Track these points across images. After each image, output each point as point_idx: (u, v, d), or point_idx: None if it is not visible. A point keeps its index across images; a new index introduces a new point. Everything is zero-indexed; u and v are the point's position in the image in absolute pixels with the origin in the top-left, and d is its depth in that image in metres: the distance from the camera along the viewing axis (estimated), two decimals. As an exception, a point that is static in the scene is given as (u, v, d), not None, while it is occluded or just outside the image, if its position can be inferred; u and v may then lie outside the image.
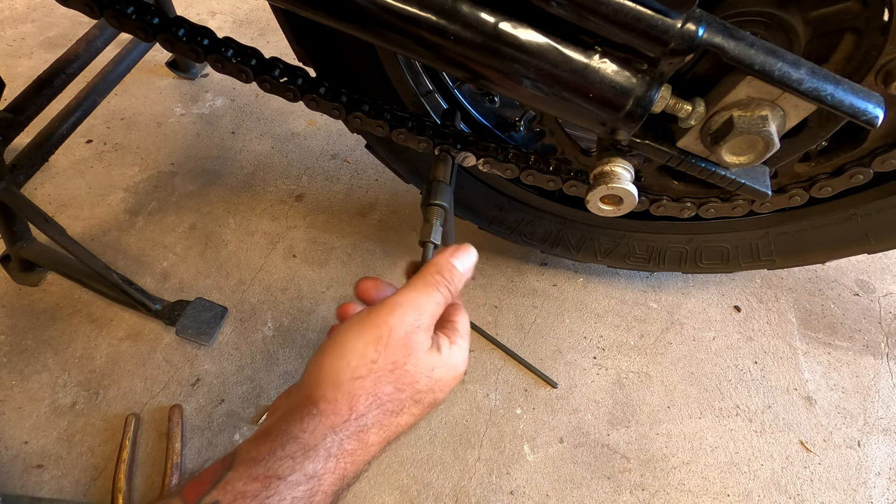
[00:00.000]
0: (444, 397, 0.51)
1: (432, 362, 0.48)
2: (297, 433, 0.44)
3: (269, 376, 1.02)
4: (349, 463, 0.45)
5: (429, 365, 0.48)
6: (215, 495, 0.41)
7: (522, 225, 1.05)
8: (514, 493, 0.92)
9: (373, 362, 0.46)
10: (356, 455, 0.45)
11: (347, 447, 0.45)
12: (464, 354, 0.52)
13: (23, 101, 0.98)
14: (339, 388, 0.45)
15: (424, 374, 0.48)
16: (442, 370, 0.49)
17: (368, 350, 0.46)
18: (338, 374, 0.46)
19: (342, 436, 0.44)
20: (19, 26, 1.61)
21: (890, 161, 0.71)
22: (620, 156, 0.65)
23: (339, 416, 0.45)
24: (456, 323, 0.53)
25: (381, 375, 0.46)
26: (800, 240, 0.94)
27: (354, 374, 0.46)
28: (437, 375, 0.49)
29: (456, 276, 0.53)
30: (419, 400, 0.48)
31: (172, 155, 1.35)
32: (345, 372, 0.46)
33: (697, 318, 1.13)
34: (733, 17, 0.62)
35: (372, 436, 0.46)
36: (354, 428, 0.45)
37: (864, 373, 1.06)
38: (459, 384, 1.02)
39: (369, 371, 0.46)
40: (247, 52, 0.76)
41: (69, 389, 0.99)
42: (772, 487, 0.94)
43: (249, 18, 1.72)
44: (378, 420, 0.46)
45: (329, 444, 0.44)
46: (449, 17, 0.54)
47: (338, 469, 0.44)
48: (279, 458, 0.43)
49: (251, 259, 1.17)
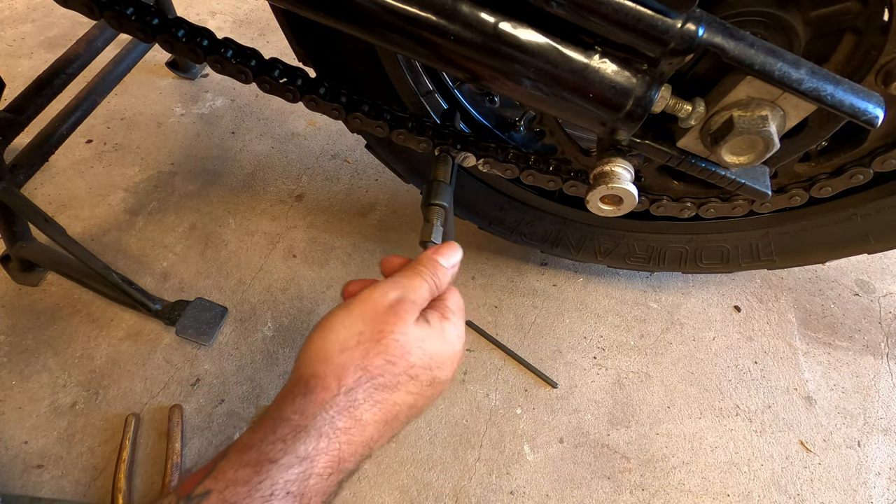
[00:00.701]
0: (447, 377, 0.50)
1: (421, 333, 0.48)
2: (289, 415, 0.43)
3: (269, 376, 1.02)
4: (343, 443, 0.44)
5: (418, 336, 0.47)
6: (207, 484, 0.41)
7: (522, 225, 1.05)
8: (514, 493, 0.92)
9: (360, 333, 0.46)
10: (350, 434, 0.44)
11: (339, 424, 0.44)
12: (458, 330, 0.51)
13: (23, 101, 0.98)
14: (328, 363, 0.45)
15: (415, 344, 0.47)
16: (435, 344, 0.48)
17: (356, 323, 0.46)
18: (326, 350, 0.46)
19: (332, 412, 0.44)
20: (19, 26, 1.61)
21: (890, 161, 0.71)
22: (620, 156, 0.65)
23: (329, 391, 0.44)
24: (447, 301, 0.53)
25: (369, 347, 0.45)
26: (800, 240, 0.94)
27: (343, 346, 0.45)
28: (431, 349, 0.48)
29: (440, 270, 0.53)
30: (415, 376, 0.47)
31: (172, 155, 1.35)
32: (333, 346, 0.46)
33: (697, 318, 1.13)
34: (733, 17, 0.62)
35: (365, 412, 0.45)
36: (345, 403, 0.44)
37: (864, 373, 1.06)
38: (459, 384, 1.02)
39: (357, 342, 0.46)
40: (246, 53, 0.76)
41: (69, 389, 0.99)
42: (772, 487, 0.94)
43: (249, 18, 1.72)
44: (370, 395, 0.45)
45: (320, 422, 0.43)
46: (449, 17, 0.54)
47: (331, 449, 0.43)
48: (270, 443, 0.42)
49: (251, 259, 1.17)
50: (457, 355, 0.51)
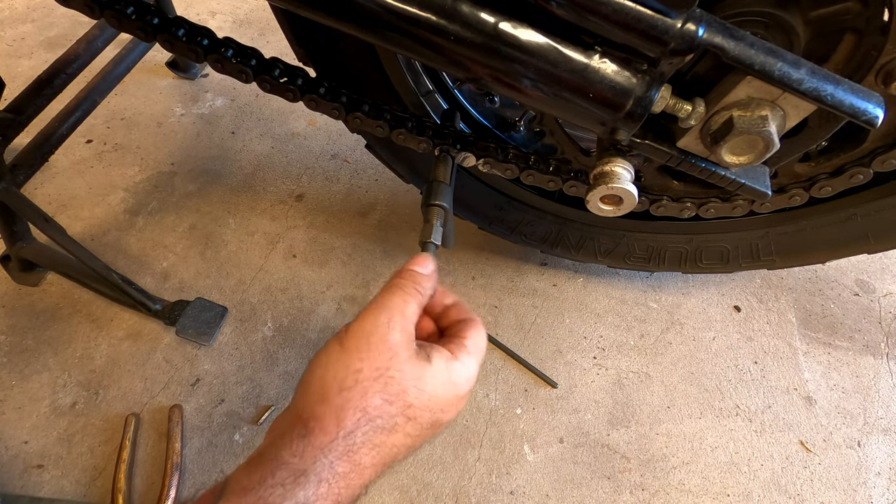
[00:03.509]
0: (451, 418, 0.49)
1: (419, 372, 0.46)
2: (288, 458, 0.43)
3: (269, 376, 1.02)
4: (343, 487, 0.43)
5: (415, 374, 0.46)
6: None
7: (522, 225, 1.05)
8: (514, 493, 0.92)
9: (357, 371, 0.45)
10: (349, 479, 0.43)
11: (339, 470, 0.43)
12: (468, 372, 0.49)
13: (23, 101, 0.98)
14: (328, 403, 0.44)
15: (412, 383, 0.46)
16: (435, 385, 0.47)
17: (352, 360, 0.45)
18: (326, 389, 0.45)
19: (332, 457, 0.43)
20: (19, 26, 1.61)
21: (890, 161, 0.71)
22: (620, 156, 0.65)
23: (328, 434, 0.43)
24: (465, 339, 0.51)
25: (367, 385, 0.44)
26: (800, 240, 0.94)
27: (341, 385, 0.44)
28: (430, 390, 0.46)
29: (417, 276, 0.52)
30: (413, 417, 0.46)
31: (172, 155, 1.35)
32: (332, 385, 0.45)
33: (697, 318, 1.13)
34: (733, 17, 0.62)
35: (364, 456, 0.44)
36: (344, 447, 0.43)
37: (864, 373, 1.06)
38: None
39: (355, 381, 0.45)
40: (247, 53, 0.76)
41: (69, 389, 0.99)
42: (772, 487, 0.94)
43: (249, 18, 1.72)
44: (368, 438, 0.44)
45: (319, 468, 0.42)
46: (449, 17, 0.54)
47: (330, 494, 0.42)
48: (269, 486, 0.41)
49: (251, 259, 1.18)
50: (462, 398, 0.49)
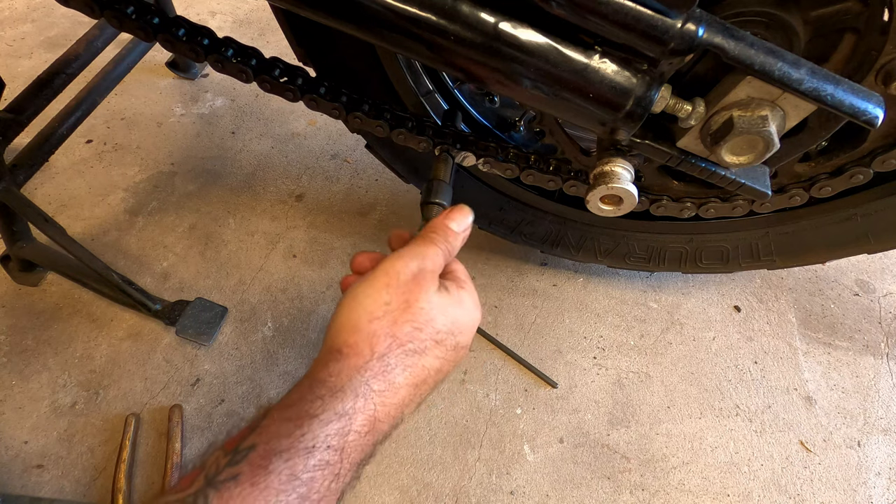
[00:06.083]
0: (468, 342, 0.53)
1: (443, 301, 0.51)
2: (325, 378, 0.46)
3: (269, 376, 1.02)
4: (378, 404, 0.46)
5: (441, 304, 0.50)
6: (252, 439, 0.43)
7: (522, 225, 1.05)
8: (514, 493, 0.92)
9: (386, 304, 0.48)
10: (385, 396, 0.46)
11: (375, 387, 0.46)
12: (473, 298, 0.54)
13: (23, 101, 0.98)
14: (359, 332, 0.47)
15: (439, 311, 0.50)
16: (456, 311, 0.51)
17: (381, 294, 0.49)
18: (356, 320, 0.48)
19: (367, 375, 0.46)
20: (19, 26, 1.61)
21: (890, 161, 0.71)
22: (620, 156, 0.65)
23: (362, 356, 0.46)
24: (456, 272, 0.56)
25: (396, 315, 0.48)
26: (800, 240, 0.94)
27: (371, 316, 0.48)
28: (453, 316, 0.51)
29: (451, 235, 0.56)
30: (441, 341, 0.50)
31: (172, 155, 1.35)
32: (362, 317, 0.48)
33: (697, 318, 1.13)
34: (733, 17, 0.62)
35: (398, 376, 0.47)
36: (379, 367, 0.46)
37: (864, 373, 1.06)
38: (459, 384, 1.02)
39: (385, 312, 0.48)
40: (247, 52, 0.76)
41: (69, 389, 0.99)
42: (772, 487, 0.94)
43: (249, 18, 1.72)
44: (401, 360, 0.48)
45: (356, 384, 0.45)
46: (449, 18, 0.54)
47: (367, 408, 0.45)
48: (309, 401, 0.44)
49: (251, 259, 1.17)
50: (475, 321, 0.54)
